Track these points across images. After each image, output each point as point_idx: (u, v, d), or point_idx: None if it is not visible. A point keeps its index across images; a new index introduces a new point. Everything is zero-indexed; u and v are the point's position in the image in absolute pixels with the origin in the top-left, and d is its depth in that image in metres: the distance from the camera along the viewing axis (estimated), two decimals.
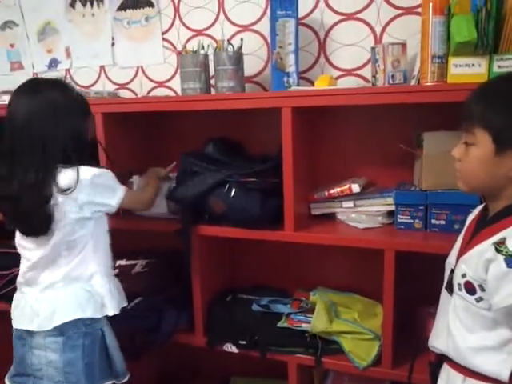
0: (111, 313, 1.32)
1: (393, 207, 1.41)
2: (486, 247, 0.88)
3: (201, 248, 1.55)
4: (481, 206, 1.03)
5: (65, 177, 1.20)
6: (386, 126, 1.49)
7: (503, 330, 0.88)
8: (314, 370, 1.65)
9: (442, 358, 1.02)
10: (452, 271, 0.98)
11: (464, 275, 0.92)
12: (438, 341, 1.02)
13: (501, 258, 0.84)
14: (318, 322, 1.41)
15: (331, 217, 1.53)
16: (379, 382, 1.54)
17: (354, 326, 1.41)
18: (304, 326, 1.46)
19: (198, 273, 1.56)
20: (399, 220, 1.38)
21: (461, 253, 0.97)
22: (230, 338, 1.55)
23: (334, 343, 1.43)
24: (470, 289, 0.90)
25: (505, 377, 0.88)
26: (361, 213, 1.47)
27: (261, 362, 1.52)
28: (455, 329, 0.95)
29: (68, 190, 1.19)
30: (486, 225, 0.93)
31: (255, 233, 1.43)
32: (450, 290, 0.98)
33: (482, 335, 0.91)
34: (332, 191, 1.47)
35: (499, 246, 0.85)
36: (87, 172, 1.21)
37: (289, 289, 1.69)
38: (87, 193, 1.22)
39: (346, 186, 1.45)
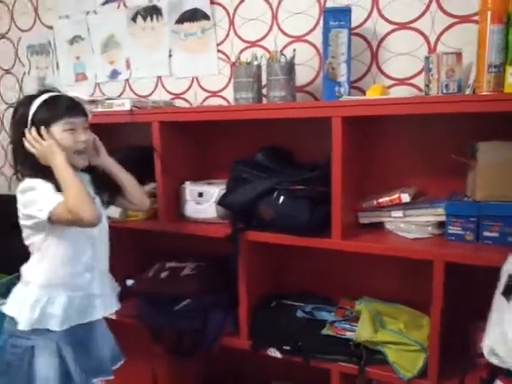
0: (21, 326, 1.30)
1: (443, 218, 1.38)
2: None
3: (248, 253, 1.58)
4: None
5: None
6: (438, 136, 1.47)
7: None
8: (357, 380, 1.63)
9: (494, 374, 1.00)
10: (510, 276, 0.95)
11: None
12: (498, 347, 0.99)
13: None
14: (362, 331, 1.41)
15: (379, 226, 1.52)
16: None
17: (399, 337, 1.40)
18: (348, 334, 1.46)
19: (244, 277, 1.60)
20: (450, 231, 1.36)
21: None
22: (274, 342, 1.57)
23: (378, 353, 1.42)
24: None
25: None
26: (410, 223, 1.46)
27: (302, 369, 1.53)
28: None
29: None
30: None
31: (302, 240, 1.45)
32: (508, 295, 0.94)
33: None
34: (381, 200, 1.47)
35: None
36: (21, 185, 1.28)
37: (334, 297, 1.68)
38: (20, 204, 1.29)
39: (396, 196, 1.44)
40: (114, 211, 1.72)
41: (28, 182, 1.28)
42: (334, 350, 1.47)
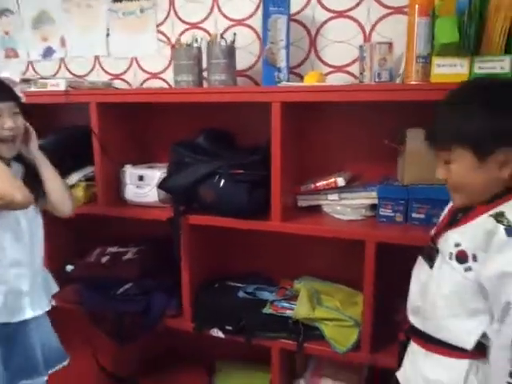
0: None
1: (376, 201, 1.46)
2: (484, 219, 0.93)
3: (190, 236, 1.60)
4: None
5: None
6: (372, 123, 1.54)
7: (479, 303, 0.94)
8: (297, 357, 1.71)
9: (409, 336, 1.10)
10: (433, 243, 1.04)
11: (458, 244, 0.95)
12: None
13: (501, 227, 0.88)
14: (300, 309, 1.47)
15: (317, 209, 1.58)
16: (358, 368, 1.61)
17: (335, 313, 1.47)
18: (288, 312, 1.52)
19: (187, 260, 1.61)
20: (381, 213, 1.44)
21: (445, 228, 1.02)
22: (217, 323, 1.60)
23: (315, 329, 1.49)
24: (461, 258, 0.94)
25: (469, 346, 0.95)
26: (345, 205, 1.53)
27: (245, 347, 1.58)
28: (431, 294, 1.01)
29: None
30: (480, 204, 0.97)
31: (243, 222, 1.48)
32: (430, 261, 1.03)
33: (458, 303, 0.96)
34: (318, 184, 1.52)
35: (499, 218, 0.90)
36: None
37: (276, 278, 1.74)
38: None
39: (332, 180, 1.50)
40: None
41: None
42: (274, 328, 1.53)
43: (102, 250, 1.87)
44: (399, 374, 1.10)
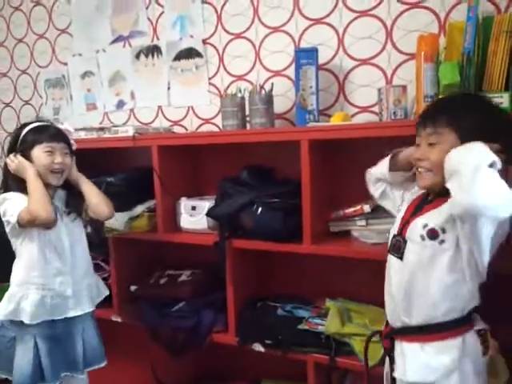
0: (23, 319, 1.55)
1: None
2: (445, 206, 1.11)
3: (234, 259, 1.81)
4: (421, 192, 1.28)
5: None
6: None
7: (462, 263, 1.11)
8: (333, 373, 1.83)
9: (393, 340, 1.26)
10: (395, 236, 1.25)
11: (426, 225, 1.15)
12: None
13: None
14: (330, 324, 1.62)
15: (348, 234, 1.74)
16: None
17: (363, 330, 1.60)
18: (320, 328, 1.66)
19: (231, 281, 1.82)
20: None
21: (409, 219, 1.21)
22: (258, 338, 1.77)
23: (346, 345, 1.62)
24: (433, 234, 1.13)
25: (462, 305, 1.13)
26: (372, 230, 1.68)
27: (286, 365, 1.73)
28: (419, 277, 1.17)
29: None
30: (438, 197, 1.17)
31: (278, 245, 1.68)
32: (398, 253, 1.22)
33: (441, 276, 1.13)
34: (346, 211, 1.70)
35: None
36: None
37: (311, 298, 1.90)
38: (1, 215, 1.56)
39: (359, 207, 1.68)
40: (119, 224, 1.97)
41: (2, 195, 1.57)
42: (308, 343, 1.68)
43: (161, 272, 2.13)
44: (398, 374, 1.22)
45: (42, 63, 2.66)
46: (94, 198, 1.68)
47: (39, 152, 1.56)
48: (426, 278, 1.16)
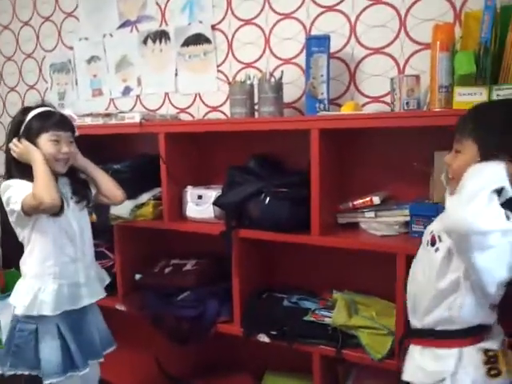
0: (16, 311, 1.55)
1: (409, 218, 1.58)
2: None
3: (241, 249, 1.79)
4: None
5: None
6: (404, 147, 1.68)
7: (453, 273, 1.10)
8: (339, 367, 1.82)
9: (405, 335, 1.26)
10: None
11: (432, 231, 1.17)
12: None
13: None
14: (337, 316, 1.61)
15: (356, 226, 1.72)
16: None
17: (370, 322, 1.59)
18: (327, 320, 1.65)
19: (237, 271, 1.81)
20: (413, 229, 1.56)
21: None
22: (263, 329, 1.76)
23: (353, 337, 1.61)
24: (432, 241, 1.15)
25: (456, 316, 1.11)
26: (381, 222, 1.66)
27: (291, 356, 1.72)
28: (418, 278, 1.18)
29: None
30: None
31: (285, 236, 1.66)
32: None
33: (433, 281, 1.13)
34: (355, 202, 1.68)
35: None
36: (0, 186, 1.53)
37: (318, 290, 1.88)
38: (4, 203, 1.52)
39: (368, 198, 1.65)
40: (124, 212, 1.95)
41: (5, 183, 1.53)
42: (314, 335, 1.67)
43: (166, 261, 2.12)
44: (406, 377, 1.21)
45: (48, 47, 2.63)
46: (108, 183, 1.69)
47: (45, 140, 1.52)
48: (424, 282, 1.17)
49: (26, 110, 1.58)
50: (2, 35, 2.79)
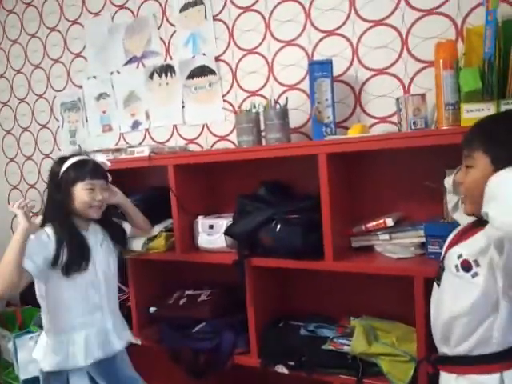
0: (46, 368, 1.56)
1: (424, 239, 1.54)
2: (481, 234, 1.05)
3: (254, 278, 1.77)
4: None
5: None
6: (415, 166, 1.65)
7: (494, 295, 1.03)
8: None
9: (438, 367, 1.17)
10: (440, 262, 1.18)
11: (460, 256, 1.08)
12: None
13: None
14: (356, 344, 1.55)
15: (370, 249, 1.69)
16: None
17: (391, 349, 1.53)
18: (346, 348, 1.60)
19: (252, 300, 1.77)
20: (430, 250, 1.52)
21: (451, 246, 1.15)
22: (281, 359, 1.72)
23: (374, 365, 1.55)
24: (466, 266, 1.06)
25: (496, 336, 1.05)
26: (396, 244, 1.62)
27: None
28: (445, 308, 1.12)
29: None
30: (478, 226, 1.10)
31: (298, 263, 1.63)
32: (438, 281, 1.17)
33: (470, 310, 1.06)
34: (368, 225, 1.64)
35: None
36: None
37: (335, 317, 1.83)
38: None
39: (381, 221, 1.62)
40: (137, 244, 1.95)
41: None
42: (334, 364, 1.61)
43: (181, 293, 2.09)
44: None
45: (58, 87, 2.69)
46: (140, 219, 1.83)
47: (80, 189, 1.56)
48: (457, 310, 1.09)
49: (61, 160, 1.62)
50: (16, 79, 2.87)
